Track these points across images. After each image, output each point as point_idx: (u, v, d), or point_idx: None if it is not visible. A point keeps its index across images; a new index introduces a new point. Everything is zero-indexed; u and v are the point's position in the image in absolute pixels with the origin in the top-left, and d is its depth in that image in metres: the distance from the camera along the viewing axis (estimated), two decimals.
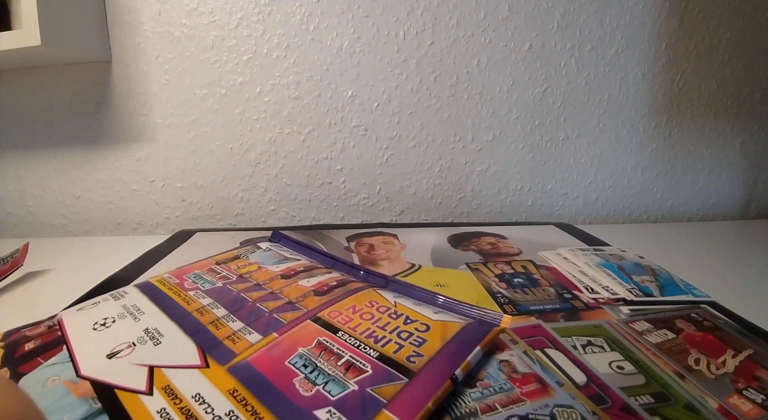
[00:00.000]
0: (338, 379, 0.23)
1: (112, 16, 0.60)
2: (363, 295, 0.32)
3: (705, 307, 0.33)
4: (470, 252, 0.47)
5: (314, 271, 0.38)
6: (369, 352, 0.25)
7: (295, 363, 0.24)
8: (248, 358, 0.25)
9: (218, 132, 0.63)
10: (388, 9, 0.60)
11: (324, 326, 0.28)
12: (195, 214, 0.66)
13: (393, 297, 0.32)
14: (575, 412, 0.22)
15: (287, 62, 0.61)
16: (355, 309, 0.30)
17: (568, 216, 0.68)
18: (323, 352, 0.25)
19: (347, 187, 0.65)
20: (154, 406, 0.21)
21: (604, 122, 0.65)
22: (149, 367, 0.23)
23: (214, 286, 0.34)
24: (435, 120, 0.63)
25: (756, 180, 0.68)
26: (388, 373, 0.23)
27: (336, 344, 0.26)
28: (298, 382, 0.23)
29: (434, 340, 0.26)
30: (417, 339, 0.26)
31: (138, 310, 0.29)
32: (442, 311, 0.30)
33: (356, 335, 0.27)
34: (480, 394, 0.23)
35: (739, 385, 0.24)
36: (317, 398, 0.22)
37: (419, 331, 0.27)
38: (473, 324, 0.28)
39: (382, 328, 0.28)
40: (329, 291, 0.33)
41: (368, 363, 0.24)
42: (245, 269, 0.38)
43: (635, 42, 0.62)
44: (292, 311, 0.30)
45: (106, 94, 0.62)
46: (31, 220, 0.67)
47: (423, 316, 0.29)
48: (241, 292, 0.33)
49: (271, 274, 0.37)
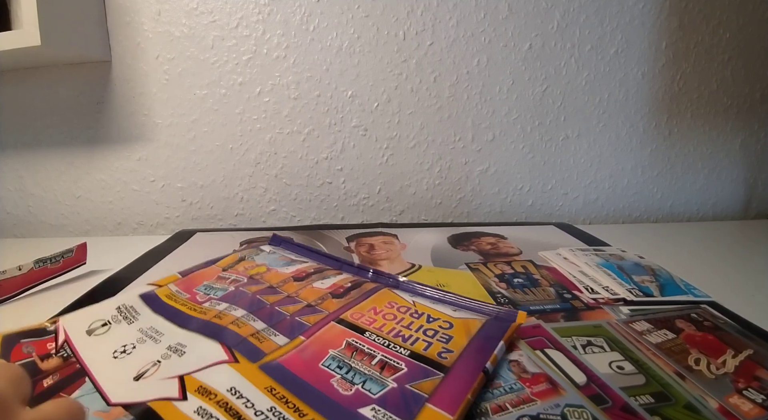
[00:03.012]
0: (376, 378, 0.23)
1: (112, 16, 0.60)
2: (381, 295, 0.33)
3: (705, 307, 0.33)
4: (470, 252, 0.47)
5: (325, 272, 0.38)
6: (400, 350, 0.26)
7: (328, 365, 0.24)
8: (279, 359, 0.25)
9: (218, 132, 0.63)
10: (388, 9, 0.60)
11: (350, 327, 0.28)
12: (195, 214, 0.66)
13: (410, 297, 0.33)
14: (586, 411, 0.22)
15: (287, 62, 0.61)
16: (376, 310, 0.31)
17: (568, 216, 0.68)
18: (355, 352, 0.25)
19: (347, 187, 0.65)
20: (191, 407, 0.20)
21: (604, 122, 0.65)
22: (179, 376, 0.23)
23: (227, 292, 0.33)
24: (435, 120, 0.63)
25: (756, 180, 0.68)
26: (423, 370, 0.24)
27: (366, 344, 0.26)
28: (336, 383, 0.23)
29: (460, 336, 0.27)
30: (443, 336, 0.27)
31: (156, 332, 0.28)
32: (459, 309, 0.31)
33: (383, 335, 0.27)
34: (490, 394, 0.23)
35: (739, 385, 0.24)
36: (359, 397, 0.22)
37: (443, 328, 0.28)
38: (492, 320, 0.29)
39: (407, 327, 0.28)
40: (346, 293, 0.34)
41: (401, 361, 0.25)
42: (254, 271, 0.37)
43: (635, 42, 0.62)
44: (314, 314, 0.30)
45: (106, 94, 0.62)
46: (31, 220, 0.67)
47: (444, 314, 0.30)
48: (256, 295, 0.33)
49: (283, 277, 0.36)
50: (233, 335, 0.27)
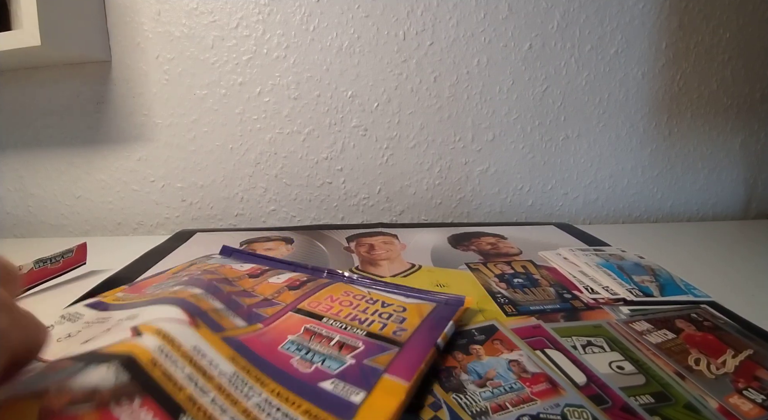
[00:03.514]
0: (334, 357, 0.24)
1: (112, 16, 0.60)
2: (336, 287, 0.34)
3: (705, 307, 0.33)
4: (470, 252, 0.47)
5: (280, 270, 0.38)
6: (357, 331, 0.27)
7: (287, 348, 0.25)
8: (239, 337, 0.25)
9: (218, 132, 0.63)
10: (388, 9, 0.60)
11: (308, 315, 0.29)
12: (195, 214, 0.66)
13: (364, 288, 0.34)
14: (586, 411, 0.22)
15: (287, 62, 0.61)
16: (332, 298, 0.32)
17: (568, 216, 0.68)
18: (313, 336, 0.26)
19: (347, 187, 0.65)
20: (149, 343, 0.20)
21: (604, 122, 0.65)
22: (132, 327, 0.22)
23: (180, 280, 0.32)
24: (435, 120, 0.63)
25: (756, 180, 0.68)
26: (380, 346, 0.25)
27: (324, 329, 0.27)
28: (295, 363, 0.23)
29: (413, 317, 0.29)
30: (398, 318, 0.29)
31: (104, 319, 0.27)
32: (412, 296, 0.33)
33: (341, 319, 0.29)
34: (490, 393, 0.23)
35: (740, 385, 0.24)
36: (318, 373, 0.23)
37: (397, 312, 0.30)
38: (442, 305, 0.32)
39: (363, 312, 0.30)
40: (302, 285, 0.34)
41: (359, 340, 0.26)
42: (208, 267, 0.36)
43: (635, 42, 0.62)
44: (271, 306, 0.30)
45: (106, 94, 0.62)
46: (31, 220, 0.67)
47: (397, 300, 0.32)
48: (212, 281, 0.31)
49: (238, 273, 0.36)
50: (193, 305, 0.26)
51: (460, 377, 0.25)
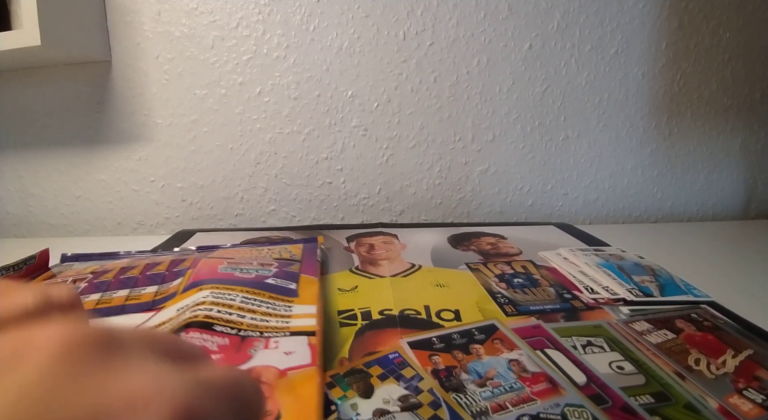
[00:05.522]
0: (263, 268, 0.33)
1: (112, 16, 0.60)
2: (220, 252, 0.40)
3: (705, 307, 0.33)
4: (470, 252, 0.47)
5: (146, 258, 0.41)
6: (266, 259, 0.36)
7: (225, 269, 0.32)
8: (189, 281, 0.31)
9: (218, 132, 0.63)
10: (388, 9, 0.60)
11: (218, 259, 0.35)
12: (195, 214, 0.66)
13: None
14: (586, 411, 0.22)
15: (287, 62, 0.61)
16: (229, 253, 0.38)
17: (568, 216, 0.68)
18: (237, 264, 0.34)
19: (347, 187, 0.65)
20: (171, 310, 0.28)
21: (604, 122, 0.65)
22: None
23: (83, 287, 0.33)
24: (435, 120, 0.63)
25: (756, 180, 0.68)
26: (287, 262, 0.36)
27: (241, 263, 0.34)
28: (238, 273, 0.31)
29: (296, 251, 0.41)
30: (287, 252, 0.40)
31: None
32: (288, 244, 0.44)
33: (248, 257, 0.37)
34: (491, 393, 0.23)
35: (739, 385, 0.24)
36: (259, 277, 0.31)
37: (286, 250, 0.40)
38: (309, 244, 0.44)
39: (261, 254, 0.38)
40: (192, 253, 0.41)
41: (272, 262, 0.36)
42: (89, 270, 0.36)
43: (635, 42, 0.62)
44: (182, 262, 0.36)
45: (106, 94, 0.62)
46: (31, 220, 0.67)
47: (282, 247, 0.42)
48: (119, 276, 0.34)
49: (122, 264, 0.36)
50: (136, 306, 0.29)
51: (460, 377, 0.25)
